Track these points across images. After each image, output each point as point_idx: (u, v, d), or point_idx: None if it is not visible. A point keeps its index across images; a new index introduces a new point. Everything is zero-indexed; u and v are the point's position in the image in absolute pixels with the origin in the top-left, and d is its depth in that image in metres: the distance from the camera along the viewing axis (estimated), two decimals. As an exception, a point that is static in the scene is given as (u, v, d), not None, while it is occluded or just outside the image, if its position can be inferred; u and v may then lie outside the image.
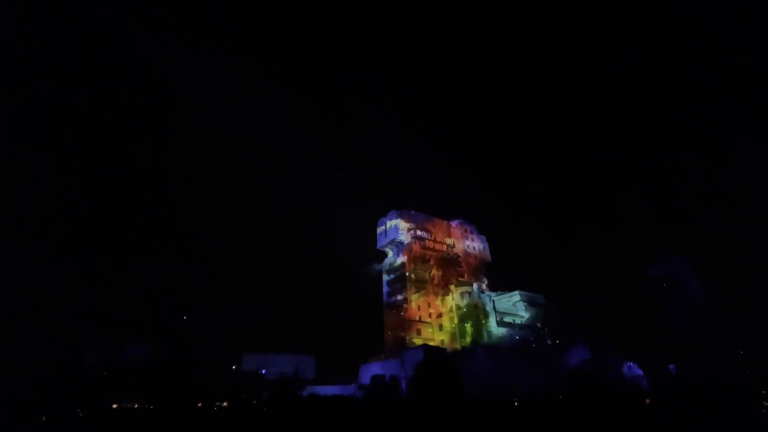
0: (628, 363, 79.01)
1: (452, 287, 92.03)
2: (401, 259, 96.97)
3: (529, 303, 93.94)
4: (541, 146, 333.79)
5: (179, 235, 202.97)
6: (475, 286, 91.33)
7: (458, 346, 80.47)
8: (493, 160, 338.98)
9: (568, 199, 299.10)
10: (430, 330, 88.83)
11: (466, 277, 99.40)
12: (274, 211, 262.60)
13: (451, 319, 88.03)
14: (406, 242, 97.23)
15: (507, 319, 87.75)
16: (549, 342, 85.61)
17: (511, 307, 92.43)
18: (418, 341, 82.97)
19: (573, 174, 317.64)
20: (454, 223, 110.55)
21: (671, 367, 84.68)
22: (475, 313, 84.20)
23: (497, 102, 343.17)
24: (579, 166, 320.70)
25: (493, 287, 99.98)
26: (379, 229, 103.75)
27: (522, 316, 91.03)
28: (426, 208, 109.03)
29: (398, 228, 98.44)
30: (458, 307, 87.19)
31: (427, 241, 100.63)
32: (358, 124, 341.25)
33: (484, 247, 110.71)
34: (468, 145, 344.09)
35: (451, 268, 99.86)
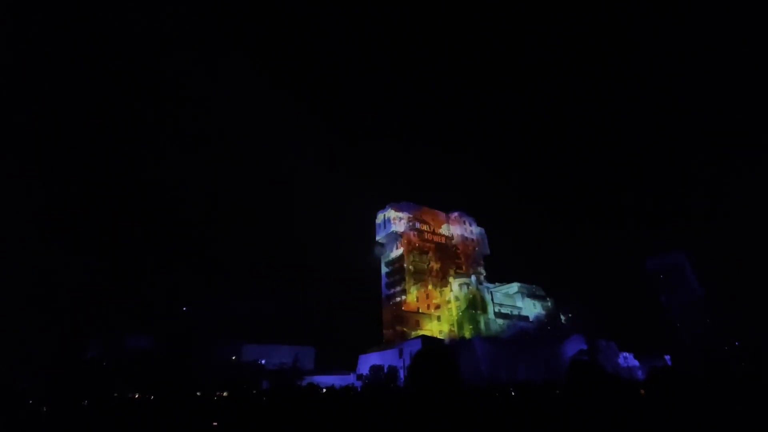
0: (624, 354, 79.88)
1: (451, 279, 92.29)
2: (399, 251, 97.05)
3: (527, 294, 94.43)
4: (540, 141, 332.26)
5: (180, 228, 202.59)
6: (473, 277, 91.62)
7: (457, 336, 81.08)
8: (492, 156, 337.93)
9: (566, 194, 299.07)
10: (428, 321, 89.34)
11: (464, 269, 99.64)
12: (275, 205, 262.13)
13: (450, 310, 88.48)
14: (403, 233, 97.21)
15: (505, 311, 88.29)
16: (546, 333, 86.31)
17: (509, 299, 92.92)
18: (416, 332, 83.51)
19: (572, 169, 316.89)
20: (452, 215, 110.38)
21: (667, 357, 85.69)
22: (473, 305, 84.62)
23: (497, 100, 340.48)
24: (578, 161, 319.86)
25: (491, 279, 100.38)
26: (378, 221, 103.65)
27: (520, 308, 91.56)
28: (426, 201, 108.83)
29: (396, 219, 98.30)
30: (457, 299, 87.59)
31: (425, 233, 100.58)
32: (360, 121, 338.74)
33: (482, 239, 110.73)
34: (468, 140, 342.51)
35: (449, 259, 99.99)
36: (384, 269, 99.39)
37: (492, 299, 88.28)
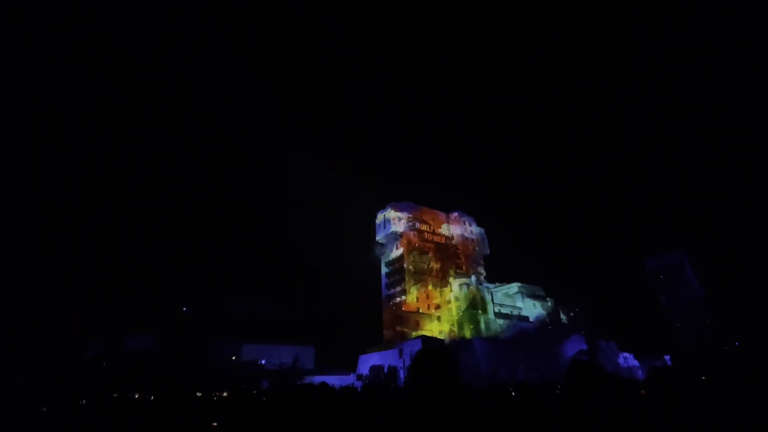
0: (624, 354, 79.86)
1: (451, 279, 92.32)
2: (399, 251, 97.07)
3: (527, 295, 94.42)
4: (540, 141, 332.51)
5: (180, 228, 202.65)
6: (473, 277, 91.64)
7: (457, 336, 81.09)
8: (492, 156, 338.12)
9: (566, 194, 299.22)
10: (428, 321, 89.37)
11: (464, 269, 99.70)
12: (275, 205, 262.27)
13: (450, 310, 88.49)
14: (403, 233, 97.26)
15: (505, 311, 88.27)
16: (546, 333, 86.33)
17: (509, 299, 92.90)
18: (417, 333, 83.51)
19: (572, 168, 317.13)
20: (452, 215, 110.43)
21: (666, 357, 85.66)
22: (473, 305, 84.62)
23: (496, 100, 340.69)
24: (578, 161, 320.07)
25: (491, 279, 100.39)
26: (378, 221, 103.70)
27: (520, 308, 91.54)
28: (425, 201, 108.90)
29: (396, 219, 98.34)
30: (457, 299, 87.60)
31: (425, 233, 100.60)
32: (360, 121, 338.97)
33: (482, 239, 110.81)
34: (468, 140, 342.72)
35: (449, 259, 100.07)
36: (384, 269, 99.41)
37: (492, 299, 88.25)
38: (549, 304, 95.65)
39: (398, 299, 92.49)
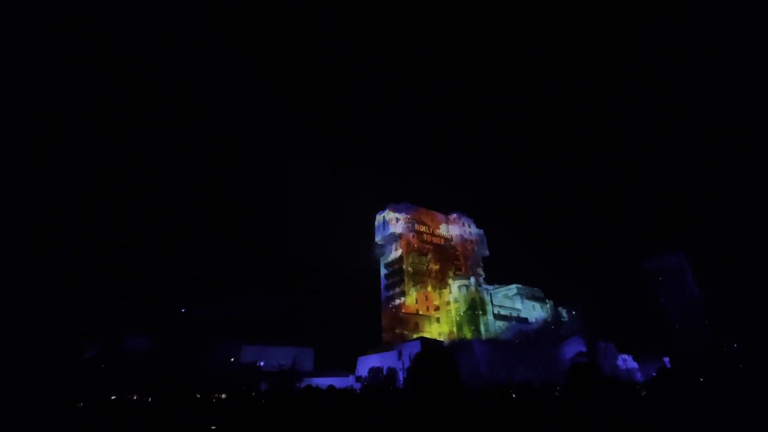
0: (623, 356, 79.89)
1: (450, 280, 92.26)
2: (398, 252, 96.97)
3: (527, 296, 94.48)
4: (540, 141, 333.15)
5: (180, 228, 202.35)
6: (472, 279, 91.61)
7: (456, 338, 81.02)
8: (491, 156, 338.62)
9: (565, 195, 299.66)
10: (428, 323, 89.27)
11: (463, 270, 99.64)
12: (274, 205, 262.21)
13: (449, 312, 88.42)
14: (402, 234, 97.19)
15: (504, 312, 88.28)
16: (545, 335, 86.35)
17: (509, 301, 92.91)
18: (416, 334, 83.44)
19: (571, 169, 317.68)
20: (451, 216, 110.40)
21: (666, 359, 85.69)
22: (473, 306, 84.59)
23: (496, 100, 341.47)
24: (577, 161, 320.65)
25: (490, 281, 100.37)
26: (377, 223, 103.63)
27: (519, 309, 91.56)
28: (425, 202, 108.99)
29: (394, 220, 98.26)
30: (456, 300, 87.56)
31: (424, 234, 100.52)
32: (360, 121, 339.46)
33: (481, 240, 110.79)
34: (467, 140, 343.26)
35: (449, 261, 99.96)
36: (383, 271, 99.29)
37: (491, 301, 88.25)
38: (548, 305, 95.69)
39: (397, 301, 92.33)
